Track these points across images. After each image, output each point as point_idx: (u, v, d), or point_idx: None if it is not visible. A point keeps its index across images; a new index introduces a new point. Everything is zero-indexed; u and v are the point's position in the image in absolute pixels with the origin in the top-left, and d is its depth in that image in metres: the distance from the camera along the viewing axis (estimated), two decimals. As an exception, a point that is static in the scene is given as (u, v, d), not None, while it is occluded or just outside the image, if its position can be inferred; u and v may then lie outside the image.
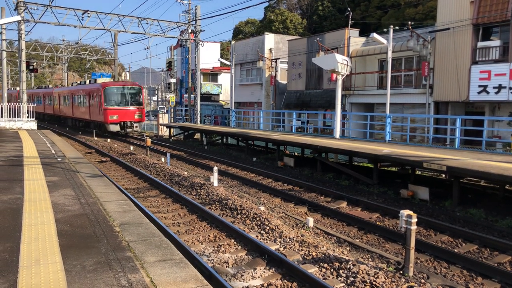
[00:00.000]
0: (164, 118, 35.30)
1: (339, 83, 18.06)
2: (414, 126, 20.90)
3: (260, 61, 31.77)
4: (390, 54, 18.02)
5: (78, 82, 40.02)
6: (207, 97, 42.61)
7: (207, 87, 43.99)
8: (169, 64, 33.47)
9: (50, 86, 49.56)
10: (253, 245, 7.55)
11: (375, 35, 17.89)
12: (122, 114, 28.61)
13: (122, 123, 28.80)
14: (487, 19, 18.51)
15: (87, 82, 35.20)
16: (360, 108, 25.91)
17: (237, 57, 33.95)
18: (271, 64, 32.82)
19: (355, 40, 26.35)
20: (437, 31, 20.47)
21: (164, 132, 33.52)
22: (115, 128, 28.66)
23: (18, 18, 23.32)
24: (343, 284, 6.13)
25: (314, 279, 6.01)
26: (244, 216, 9.45)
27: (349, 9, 29.02)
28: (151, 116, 52.34)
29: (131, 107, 29.15)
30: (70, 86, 41.48)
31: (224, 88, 44.71)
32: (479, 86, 18.68)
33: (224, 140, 25.54)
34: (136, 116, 29.31)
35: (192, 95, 32.40)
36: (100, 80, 32.19)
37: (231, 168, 17.32)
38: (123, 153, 20.42)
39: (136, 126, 29.78)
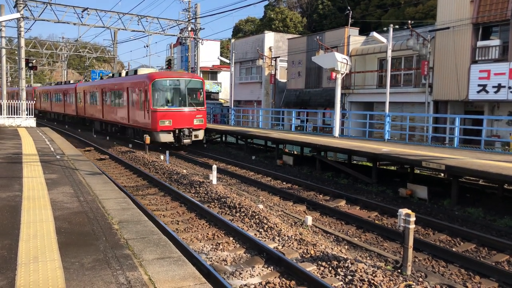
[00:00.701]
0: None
1: (339, 81, 18.05)
2: (413, 125, 20.92)
3: (260, 59, 31.76)
4: (389, 53, 18.01)
5: (111, 74, 31.71)
6: (206, 95, 42.50)
7: (207, 85, 43.92)
8: (169, 62, 33.42)
9: (72, 82, 40.74)
10: (252, 243, 7.56)
11: (375, 34, 17.87)
12: (177, 118, 20.30)
13: (177, 131, 20.43)
14: (487, 19, 18.52)
15: (123, 74, 26.90)
16: (360, 107, 25.91)
17: (236, 56, 33.93)
18: (271, 62, 32.80)
19: (355, 39, 26.33)
20: (437, 30, 20.47)
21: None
22: (167, 137, 20.27)
23: (17, 15, 23.27)
24: (341, 283, 6.14)
25: (312, 278, 6.02)
26: (243, 214, 9.46)
27: (349, 7, 29.01)
28: None
29: (189, 109, 20.68)
30: (99, 79, 33.62)
31: (224, 86, 44.69)
32: (479, 85, 18.69)
33: (223, 138, 25.53)
34: (196, 121, 20.79)
35: (191, 93, 32.33)
36: (144, 71, 23.85)
37: (230, 166, 17.32)
38: (122, 151, 20.42)
39: (197, 136, 21.00)
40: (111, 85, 26.26)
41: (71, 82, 40.56)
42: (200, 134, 21.31)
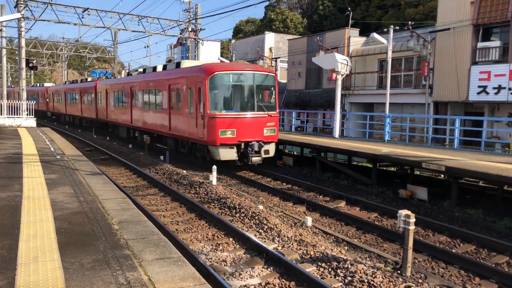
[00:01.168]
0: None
1: (339, 82, 18.06)
2: (414, 126, 20.92)
3: (260, 60, 31.78)
4: (390, 54, 18.02)
5: (141, 69, 24.48)
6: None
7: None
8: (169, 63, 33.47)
9: (89, 80, 35.60)
10: (251, 244, 7.56)
11: (375, 35, 17.89)
12: (242, 127, 14.88)
13: (242, 145, 14.98)
14: (487, 20, 18.52)
15: (159, 68, 20.85)
16: (360, 107, 25.92)
17: (237, 56, 33.96)
18: (271, 63, 32.83)
19: (355, 40, 26.35)
20: (437, 31, 20.48)
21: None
22: (228, 154, 14.83)
23: (18, 15, 23.29)
24: (341, 284, 6.14)
25: (312, 278, 6.02)
26: (243, 215, 9.46)
27: (349, 8, 29.01)
28: None
29: (259, 114, 15.16)
30: (127, 75, 26.80)
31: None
32: (479, 86, 18.70)
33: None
34: (266, 132, 15.32)
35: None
36: (189, 63, 18.57)
37: (230, 166, 17.29)
38: (122, 152, 20.41)
39: (267, 152, 15.36)
40: (144, 83, 21.05)
41: (89, 80, 35.29)
42: (271, 149, 15.59)
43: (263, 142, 15.12)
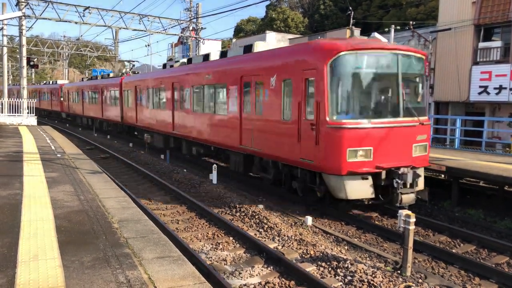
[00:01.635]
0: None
1: (340, 82, 18.00)
2: (414, 126, 20.89)
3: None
4: (391, 54, 17.97)
5: (185, 60, 19.19)
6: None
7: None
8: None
9: (111, 75, 30.10)
10: (252, 243, 7.56)
11: (376, 34, 17.89)
12: (381, 143, 8.98)
13: (383, 175, 9.01)
14: (488, 20, 18.51)
15: (213, 56, 15.27)
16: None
17: (238, 55, 33.85)
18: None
19: (356, 40, 26.31)
20: (438, 31, 20.47)
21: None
22: (360, 189, 8.96)
23: (19, 13, 23.30)
24: (341, 283, 6.14)
25: (311, 278, 6.03)
26: (243, 214, 9.47)
27: (350, 8, 28.87)
28: None
29: (404, 121, 9.33)
30: (163, 67, 21.34)
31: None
32: (480, 86, 18.69)
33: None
34: (415, 151, 9.53)
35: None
36: (267, 44, 13.22)
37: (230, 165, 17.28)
38: (123, 150, 20.42)
39: (416, 181, 9.22)
40: (194, 76, 15.50)
41: (111, 75, 30.18)
42: (422, 179, 9.74)
43: (414, 168, 9.24)
